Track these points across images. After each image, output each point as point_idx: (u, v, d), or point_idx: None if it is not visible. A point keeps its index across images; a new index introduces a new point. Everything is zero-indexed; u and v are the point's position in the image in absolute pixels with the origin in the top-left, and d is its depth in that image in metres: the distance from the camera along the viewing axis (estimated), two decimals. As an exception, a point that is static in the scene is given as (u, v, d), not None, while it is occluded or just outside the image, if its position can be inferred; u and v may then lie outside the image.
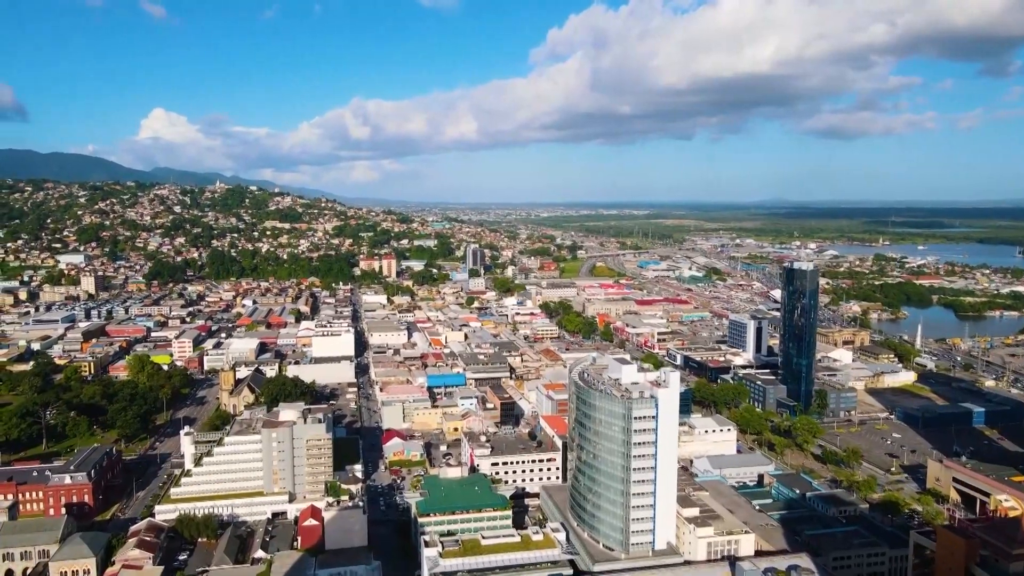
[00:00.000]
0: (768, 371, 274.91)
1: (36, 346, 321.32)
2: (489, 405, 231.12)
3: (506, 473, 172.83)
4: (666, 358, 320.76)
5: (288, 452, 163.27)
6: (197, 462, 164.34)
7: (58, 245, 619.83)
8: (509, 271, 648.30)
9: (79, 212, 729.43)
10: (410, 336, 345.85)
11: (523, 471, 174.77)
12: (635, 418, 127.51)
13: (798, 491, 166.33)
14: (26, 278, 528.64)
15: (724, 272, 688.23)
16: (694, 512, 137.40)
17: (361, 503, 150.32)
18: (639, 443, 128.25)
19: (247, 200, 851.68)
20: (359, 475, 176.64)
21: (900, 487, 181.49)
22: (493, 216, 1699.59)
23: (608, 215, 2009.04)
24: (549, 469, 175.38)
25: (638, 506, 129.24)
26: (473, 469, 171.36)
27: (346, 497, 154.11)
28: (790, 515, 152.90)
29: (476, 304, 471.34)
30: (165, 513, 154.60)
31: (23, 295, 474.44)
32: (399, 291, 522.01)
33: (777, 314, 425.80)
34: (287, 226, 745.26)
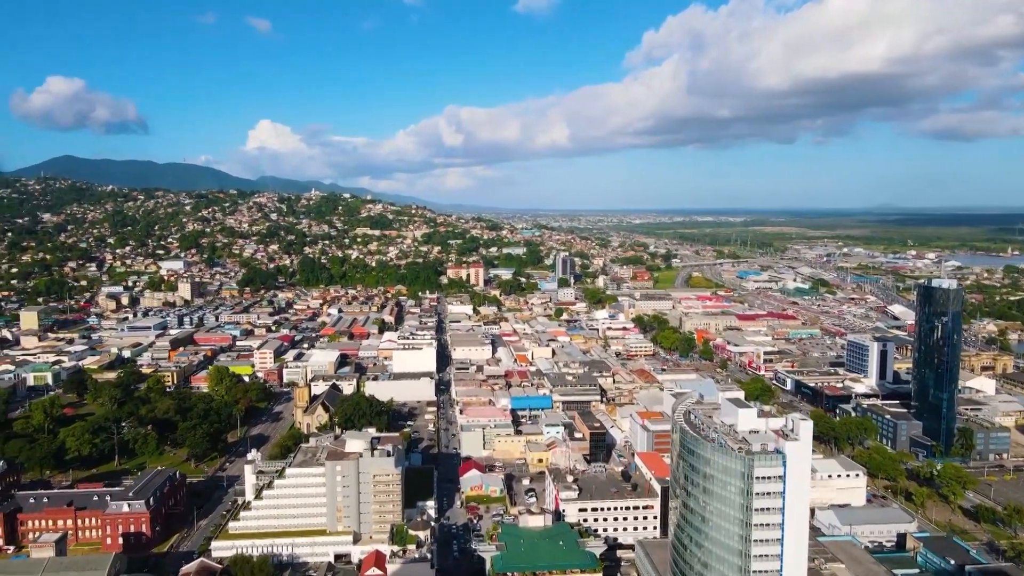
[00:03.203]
0: (897, 402, 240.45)
1: (127, 353, 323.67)
2: (577, 434, 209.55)
3: (595, 521, 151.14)
4: (774, 382, 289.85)
5: (353, 488, 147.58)
6: (257, 494, 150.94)
7: (161, 251, 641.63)
8: (600, 281, 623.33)
9: (184, 220, 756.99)
10: (494, 351, 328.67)
11: (615, 519, 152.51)
12: (757, 478, 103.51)
13: (952, 561, 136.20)
14: (130, 283, 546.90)
15: (832, 284, 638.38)
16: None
17: (429, 554, 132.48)
18: (762, 508, 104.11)
19: (340, 207, 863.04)
20: (431, 514, 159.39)
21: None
22: (584, 223, 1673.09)
23: (703, 222, 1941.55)
24: (646, 518, 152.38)
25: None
26: (558, 515, 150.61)
27: (413, 546, 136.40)
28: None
29: (565, 316, 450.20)
30: (221, 550, 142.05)
31: (125, 300, 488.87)
32: (486, 301, 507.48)
33: (900, 332, 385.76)
34: (377, 233, 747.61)
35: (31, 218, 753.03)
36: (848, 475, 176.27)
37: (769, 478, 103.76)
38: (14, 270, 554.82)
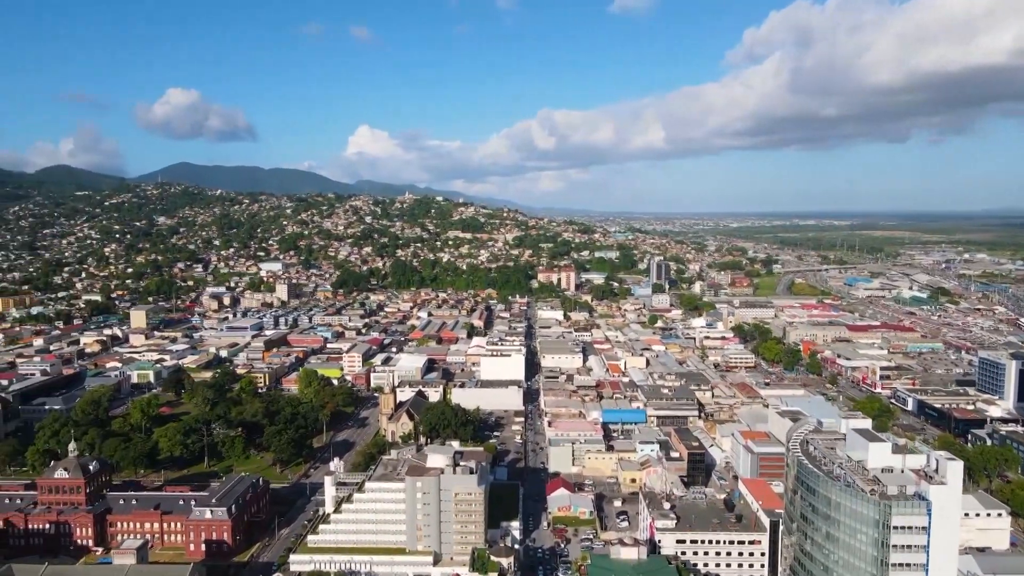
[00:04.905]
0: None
1: (224, 353, 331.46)
2: (673, 453, 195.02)
3: (695, 554, 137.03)
4: (892, 401, 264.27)
5: (434, 506, 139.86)
6: (337, 508, 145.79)
7: (262, 253, 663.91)
8: (696, 287, 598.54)
9: (284, 222, 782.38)
10: (585, 359, 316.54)
11: (717, 553, 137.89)
12: (895, 528, 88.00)
13: None
14: (232, 284, 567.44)
15: (954, 293, 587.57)
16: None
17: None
18: (900, 564, 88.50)
19: (433, 210, 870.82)
20: (516, 535, 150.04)
21: None
22: (679, 226, 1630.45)
23: (805, 225, 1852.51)
24: (752, 555, 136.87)
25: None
26: (653, 546, 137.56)
27: (495, 574, 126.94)
28: None
29: (659, 323, 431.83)
30: (300, 564, 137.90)
31: (227, 300, 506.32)
32: (576, 306, 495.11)
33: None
34: (468, 236, 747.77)
35: (148, 221, 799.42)
36: (989, 514, 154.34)
37: (910, 529, 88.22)
38: (129, 270, 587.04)
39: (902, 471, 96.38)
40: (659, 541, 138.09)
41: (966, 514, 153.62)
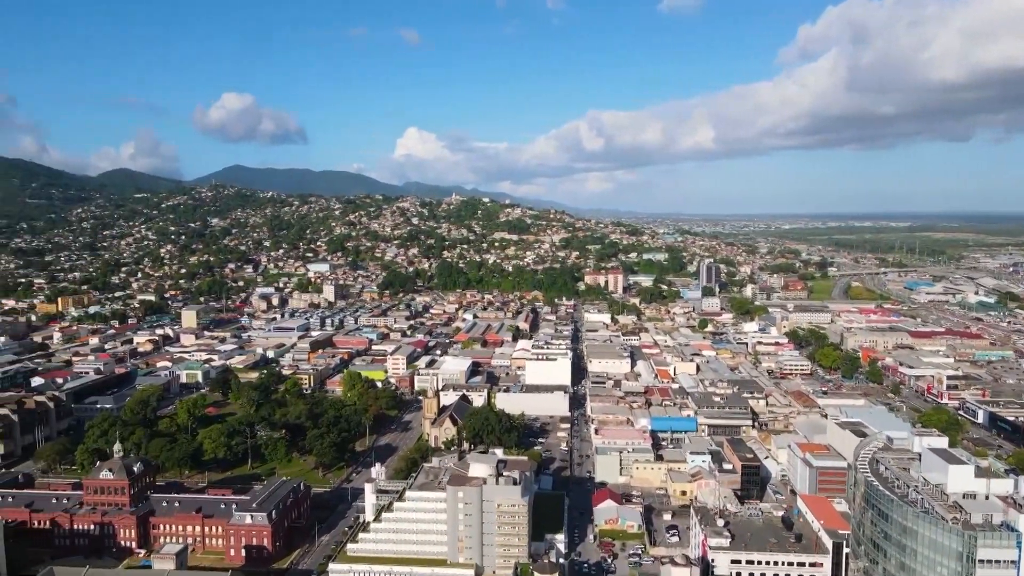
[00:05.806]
0: None
1: (271, 354, 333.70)
2: (726, 465, 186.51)
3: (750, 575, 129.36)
4: (961, 413, 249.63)
5: (476, 517, 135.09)
6: (377, 516, 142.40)
7: (310, 254, 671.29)
8: (748, 290, 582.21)
9: (332, 224, 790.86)
10: (633, 364, 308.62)
11: (774, 575, 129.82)
12: (980, 561, 79.64)
13: None
14: (281, 285, 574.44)
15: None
16: None
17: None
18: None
19: (479, 212, 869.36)
20: (561, 548, 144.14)
21: None
22: (729, 228, 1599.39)
23: (861, 227, 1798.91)
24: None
25: None
26: (705, 564, 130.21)
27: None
28: None
29: (710, 328, 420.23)
30: (339, 573, 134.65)
31: (275, 301, 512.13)
32: (624, 309, 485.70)
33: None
34: (515, 237, 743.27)
35: (202, 222, 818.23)
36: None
37: (998, 563, 79.66)
38: (183, 271, 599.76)
39: (986, 497, 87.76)
40: (712, 560, 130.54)
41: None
